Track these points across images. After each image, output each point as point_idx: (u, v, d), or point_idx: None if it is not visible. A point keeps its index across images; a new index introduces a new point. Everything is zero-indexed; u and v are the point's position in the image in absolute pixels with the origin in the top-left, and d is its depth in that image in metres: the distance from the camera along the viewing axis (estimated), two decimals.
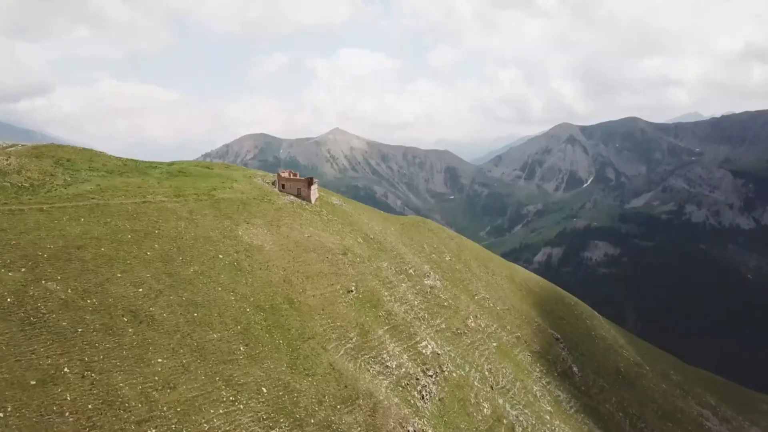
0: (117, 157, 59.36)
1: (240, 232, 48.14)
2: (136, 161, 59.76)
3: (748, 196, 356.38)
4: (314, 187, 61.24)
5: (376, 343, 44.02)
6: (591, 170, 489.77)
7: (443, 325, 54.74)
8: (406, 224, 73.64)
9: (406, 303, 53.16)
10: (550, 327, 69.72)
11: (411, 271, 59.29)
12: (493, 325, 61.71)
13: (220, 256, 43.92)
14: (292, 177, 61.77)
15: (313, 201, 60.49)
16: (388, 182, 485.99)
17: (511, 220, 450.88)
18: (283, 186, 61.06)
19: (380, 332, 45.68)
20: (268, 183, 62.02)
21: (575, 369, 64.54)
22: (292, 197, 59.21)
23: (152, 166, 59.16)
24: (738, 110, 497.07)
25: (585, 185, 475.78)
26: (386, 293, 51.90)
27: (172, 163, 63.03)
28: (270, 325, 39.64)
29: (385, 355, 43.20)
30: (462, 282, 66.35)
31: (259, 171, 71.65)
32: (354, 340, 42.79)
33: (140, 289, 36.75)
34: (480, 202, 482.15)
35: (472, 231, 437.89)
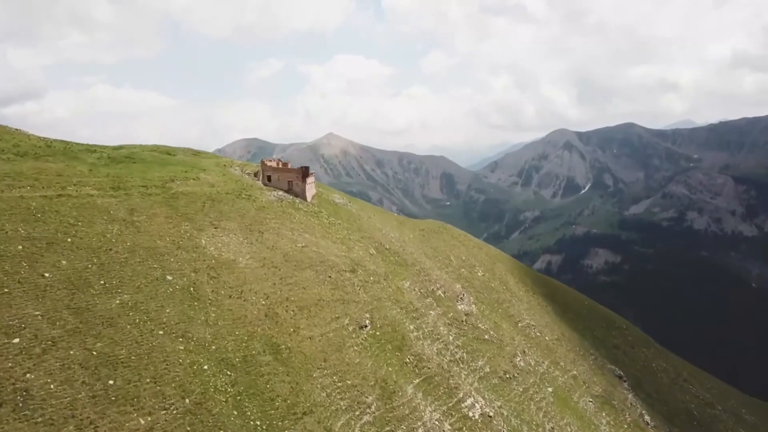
0: (40, 137, 43.62)
1: (203, 241, 32.76)
2: (67, 143, 44.15)
3: (750, 202, 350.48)
4: (310, 181, 46.09)
5: (407, 410, 28.85)
6: (588, 176, 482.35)
7: (487, 368, 39.73)
8: (427, 230, 58.85)
9: (438, 339, 38.08)
10: (608, 361, 55.21)
11: (440, 292, 44.27)
12: (544, 363, 46.89)
13: (169, 278, 28.51)
14: (281, 167, 46.49)
15: (309, 198, 45.24)
16: (383, 188, 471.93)
17: (508, 227, 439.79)
18: (269, 178, 45.76)
19: (410, 390, 30.53)
20: (248, 174, 46.70)
21: (647, 417, 50.15)
22: (281, 193, 43.94)
23: (90, 149, 43.57)
24: (730, 118, 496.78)
25: (583, 192, 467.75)
26: (412, 327, 36.81)
27: (119, 147, 47.45)
28: (241, 392, 24.25)
29: (420, 430, 27.91)
30: (501, 305, 51.57)
31: (237, 160, 56.26)
32: (374, 407, 27.56)
33: (15, 340, 21.25)
34: (477, 209, 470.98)
35: None
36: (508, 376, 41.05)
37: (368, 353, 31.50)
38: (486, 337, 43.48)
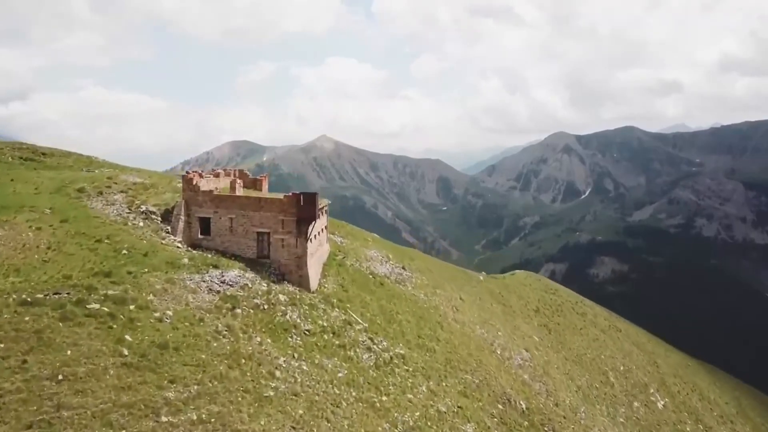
0: None
1: None
2: None
3: (761, 209, 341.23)
4: (319, 226, 16.58)
5: None
6: (589, 181, 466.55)
7: None
8: (543, 309, 30.73)
9: None
10: None
11: None
12: None
13: None
14: (236, 194, 16.90)
15: (314, 284, 15.90)
16: (377, 192, 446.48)
17: (507, 233, 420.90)
18: (203, 225, 16.14)
19: None
20: (150, 215, 17.07)
21: None
22: (235, 272, 14.44)
23: None
24: (724, 122, 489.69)
25: (583, 196, 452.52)
26: None
27: None
28: None
29: None
30: None
31: (130, 177, 25.31)
32: None
33: None
34: (475, 214, 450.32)
35: (467, 244, 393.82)
36: None
37: None
38: None
